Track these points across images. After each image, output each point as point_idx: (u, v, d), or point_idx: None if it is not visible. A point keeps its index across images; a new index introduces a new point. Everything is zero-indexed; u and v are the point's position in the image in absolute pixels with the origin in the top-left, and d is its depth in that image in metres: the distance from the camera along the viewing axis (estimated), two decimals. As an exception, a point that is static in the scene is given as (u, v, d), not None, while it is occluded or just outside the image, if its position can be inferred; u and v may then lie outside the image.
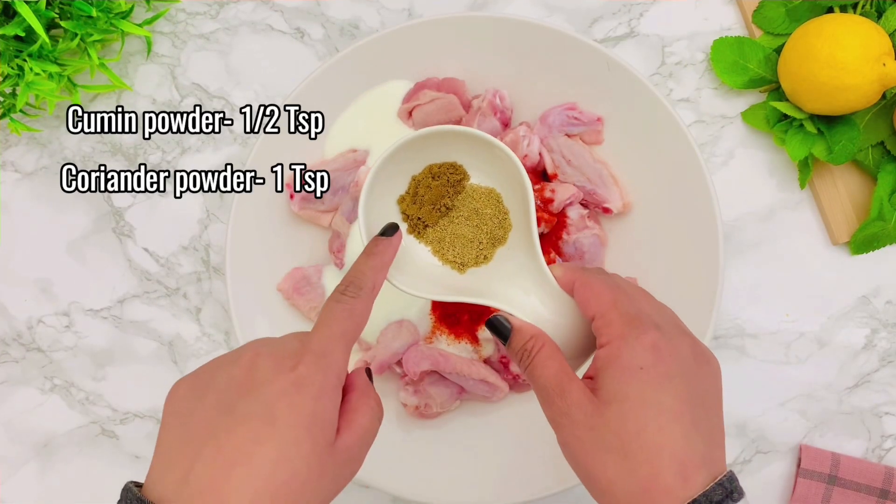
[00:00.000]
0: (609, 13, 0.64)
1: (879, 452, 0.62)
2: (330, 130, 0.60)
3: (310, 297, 0.59)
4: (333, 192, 0.59)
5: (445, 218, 0.47)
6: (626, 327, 0.38)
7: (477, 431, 0.60)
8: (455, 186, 0.46)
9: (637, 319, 0.38)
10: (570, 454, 0.38)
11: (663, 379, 0.36)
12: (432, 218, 0.46)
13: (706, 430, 0.37)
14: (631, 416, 0.36)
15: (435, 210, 0.46)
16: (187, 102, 0.66)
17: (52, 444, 0.65)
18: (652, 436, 0.35)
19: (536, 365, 0.39)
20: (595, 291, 0.40)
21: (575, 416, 0.37)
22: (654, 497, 0.35)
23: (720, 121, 0.64)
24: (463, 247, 0.46)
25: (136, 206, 0.66)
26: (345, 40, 0.65)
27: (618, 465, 0.35)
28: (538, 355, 0.39)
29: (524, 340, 0.40)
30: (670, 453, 0.35)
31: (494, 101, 0.59)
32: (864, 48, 0.55)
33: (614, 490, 0.36)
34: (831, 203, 0.62)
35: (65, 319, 0.66)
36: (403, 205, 0.47)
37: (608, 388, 0.37)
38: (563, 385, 0.38)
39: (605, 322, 0.38)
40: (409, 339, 0.58)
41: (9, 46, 0.60)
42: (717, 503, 0.34)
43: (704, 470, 0.35)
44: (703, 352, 0.39)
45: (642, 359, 0.37)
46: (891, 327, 0.62)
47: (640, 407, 0.36)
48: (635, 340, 0.37)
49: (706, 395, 0.38)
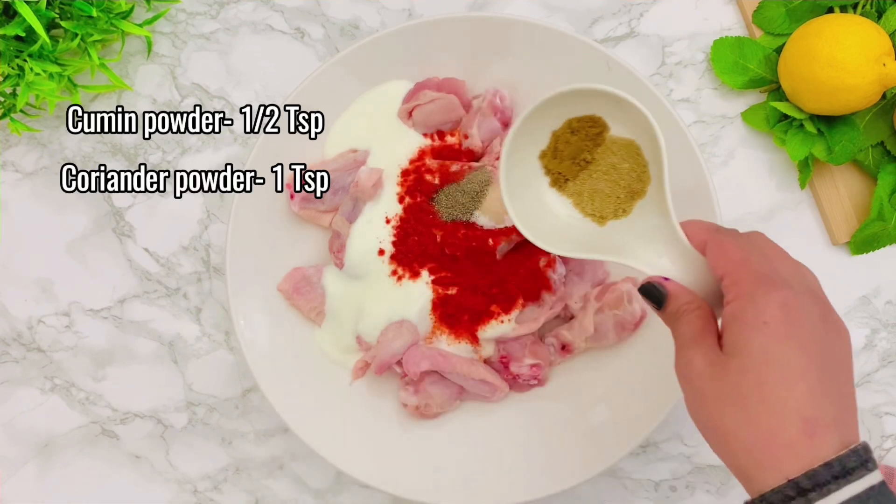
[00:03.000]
0: (609, 13, 0.64)
1: (880, 452, 0.62)
2: (330, 130, 0.60)
3: (310, 297, 0.59)
4: (334, 192, 0.59)
5: (585, 171, 0.47)
6: (755, 285, 0.37)
7: (477, 431, 0.60)
8: (594, 139, 0.46)
9: (768, 277, 0.37)
10: (691, 408, 0.38)
11: (789, 336, 0.35)
12: (572, 172, 0.47)
13: (835, 393, 0.35)
14: (752, 368, 0.35)
15: (574, 164, 0.47)
16: (187, 102, 0.66)
17: (53, 444, 0.65)
18: (773, 389, 0.35)
19: (684, 321, 0.39)
20: (726, 251, 0.39)
21: (696, 365, 0.37)
22: (774, 452, 0.34)
23: (720, 121, 0.64)
24: (602, 200, 0.46)
25: (136, 206, 0.66)
26: (345, 40, 0.65)
27: (737, 416, 0.35)
28: (691, 313, 0.40)
29: (680, 304, 0.40)
30: (794, 408, 0.34)
31: (494, 101, 0.59)
32: (865, 48, 0.55)
33: (731, 441, 0.35)
34: (831, 203, 0.62)
35: (65, 319, 0.66)
36: (545, 160, 0.47)
37: (731, 341, 0.36)
38: (696, 338, 0.38)
39: (732, 280, 0.38)
40: (409, 339, 0.58)
41: (9, 46, 0.60)
42: (852, 470, 0.33)
43: (835, 432, 0.34)
44: (836, 320, 0.38)
45: (768, 314, 0.36)
46: (891, 327, 0.62)
47: (762, 360, 0.35)
48: (763, 297, 0.36)
49: (836, 361, 0.36)
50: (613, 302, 0.57)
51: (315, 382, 0.59)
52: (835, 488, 0.32)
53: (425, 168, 0.58)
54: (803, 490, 0.33)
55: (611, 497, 0.63)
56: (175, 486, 0.65)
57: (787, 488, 0.33)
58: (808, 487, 0.33)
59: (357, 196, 0.58)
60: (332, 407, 0.59)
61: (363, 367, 0.60)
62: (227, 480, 0.65)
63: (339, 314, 0.59)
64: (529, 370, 0.58)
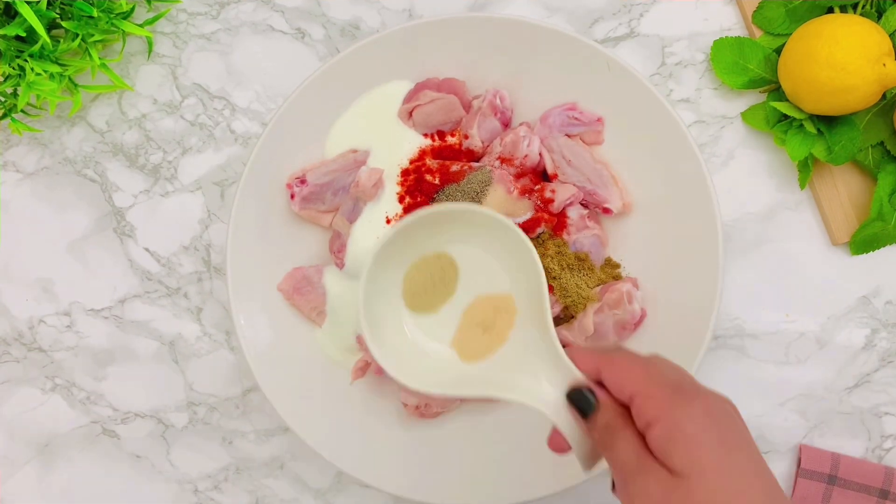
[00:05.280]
0: (609, 13, 0.64)
1: (879, 452, 0.62)
2: (330, 131, 0.60)
3: (310, 297, 0.60)
4: (334, 192, 0.59)
5: (448, 305, 0.46)
6: (672, 398, 0.36)
7: (477, 431, 0.60)
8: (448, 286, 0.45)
9: (679, 386, 0.37)
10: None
11: (727, 443, 0.36)
12: (434, 307, 0.46)
13: (774, 480, 0.36)
14: (716, 486, 0.35)
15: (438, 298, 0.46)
16: (188, 103, 0.66)
17: (53, 444, 0.66)
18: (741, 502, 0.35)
19: (623, 439, 0.37)
20: (627, 369, 0.38)
21: (654, 495, 0.36)
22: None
23: (720, 121, 0.64)
24: (470, 338, 0.45)
25: (136, 206, 0.66)
26: (345, 41, 0.65)
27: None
28: (623, 431, 0.38)
29: (610, 416, 0.38)
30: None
31: (495, 102, 0.59)
32: (864, 48, 0.55)
33: None
34: (831, 203, 0.62)
35: (66, 319, 0.66)
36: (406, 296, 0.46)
37: (681, 462, 0.35)
38: (643, 463, 0.36)
39: (646, 397, 0.37)
40: (409, 339, 0.58)
41: (10, 47, 0.60)
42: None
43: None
44: (725, 399, 0.38)
45: (703, 425, 0.36)
46: (891, 327, 0.62)
47: (723, 475, 0.35)
48: (688, 409, 0.36)
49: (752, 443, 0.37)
50: (613, 302, 0.57)
51: (315, 382, 0.59)
52: None
53: (425, 168, 0.58)
54: None
55: (611, 497, 0.63)
56: (175, 486, 0.65)
57: None
58: None
59: (357, 196, 0.58)
60: (332, 407, 0.59)
61: (363, 367, 0.60)
62: (228, 480, 0.65)
63: (340, 314, 0.59)
64: (529, 370, 0.58)
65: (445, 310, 0.45)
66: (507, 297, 0.44)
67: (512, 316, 0.44)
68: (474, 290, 0.45)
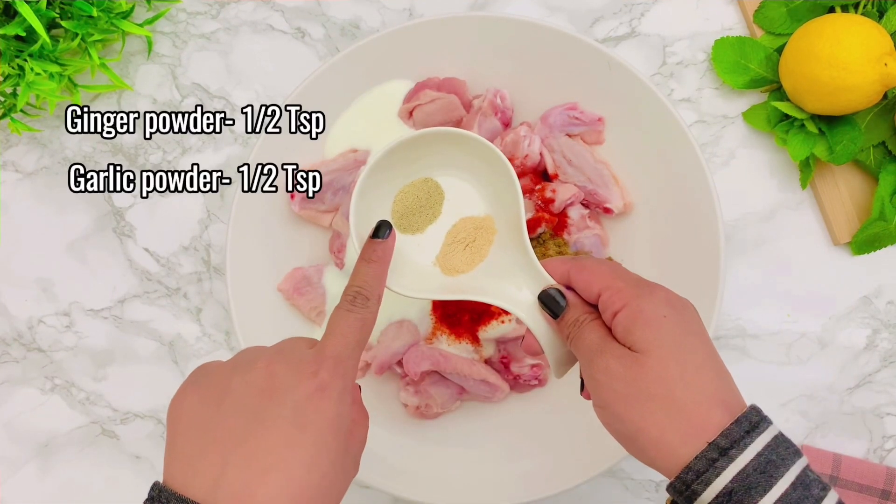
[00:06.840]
0: (610, 13, 0.64)
1: (881, 453, 0.62)
2: (331, 130, 0.60)
3: (310, 297, 0.59)
4: (334, 192, 0.59)
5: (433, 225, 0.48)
6: (636, 288, 0.40)
7: (477, 432, 0.60)
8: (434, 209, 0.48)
9: (641, 281, 0.41)
10: (611, 413, 0.39)
11: (684, 325, 0.39)
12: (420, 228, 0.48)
13: (724, 367, 0.39)
14: (671, 361, 0.37)
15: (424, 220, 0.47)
16: (188, 102, 0.66)
17: (53, 444, 0.65)
18: (693, 378, 0.37)
19: (584, 331, 0.41)
20: (594, 271, 0.41)
21: (614, 369, 0.38)
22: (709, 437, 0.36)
23: (721, 121, 0.63)
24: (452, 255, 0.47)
25: (136, 206, 0.66)
26: (345, 40, 0.65)
27: (666, 411, 0.37)
28: (592, 321, 0.41)
29: (579, 313, 0.41)
30: (713, 393, 0.37)
31: (495, 101, 0.59)
32: (866, 48, 0.55)
33: (667, 437, 0.37)
34: (832, 203, 0.62)
35: (65, 319, 0.66)
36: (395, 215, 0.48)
37: (640, 339, 0.38)
38: (606, 343, 0.39)
39: (613, 291, 0.40)
40: (409, 339, 0.58)
41: (9, 46, 0.60)
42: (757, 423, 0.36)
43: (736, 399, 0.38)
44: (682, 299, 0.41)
45: (663, 310, 0.39)
46: (892, 328, 0.62)
47: (677, 351, 0.38)
48: (650, 296, 0.39)
49: (707, 333, 0.40)
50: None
51: (315, 382, 0.59)
52: (749, 441, 0.36)
53: (426, 168, 0.58)
54: (723, 449, 0.35)
55: (611, 497, 0.63)
56: (175, 487, 0.65)
57: (709, 451, 0.35)
58: (726, 446, 0.35)
59: (357, 196, 0.58)
60: (332, 407, 0.59)
61: (363, 368, 0.60)
62: (228, 481, 0.64)
63: (340, 314, 0.59)
64: (530, 371, 0.58)
65: (431, 230, 0.48)
66: (487, 218, 0.47)
67: (491, 235, 0.47)
68: (458, 213, 0.48)
